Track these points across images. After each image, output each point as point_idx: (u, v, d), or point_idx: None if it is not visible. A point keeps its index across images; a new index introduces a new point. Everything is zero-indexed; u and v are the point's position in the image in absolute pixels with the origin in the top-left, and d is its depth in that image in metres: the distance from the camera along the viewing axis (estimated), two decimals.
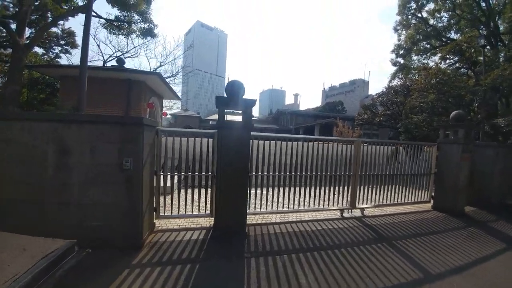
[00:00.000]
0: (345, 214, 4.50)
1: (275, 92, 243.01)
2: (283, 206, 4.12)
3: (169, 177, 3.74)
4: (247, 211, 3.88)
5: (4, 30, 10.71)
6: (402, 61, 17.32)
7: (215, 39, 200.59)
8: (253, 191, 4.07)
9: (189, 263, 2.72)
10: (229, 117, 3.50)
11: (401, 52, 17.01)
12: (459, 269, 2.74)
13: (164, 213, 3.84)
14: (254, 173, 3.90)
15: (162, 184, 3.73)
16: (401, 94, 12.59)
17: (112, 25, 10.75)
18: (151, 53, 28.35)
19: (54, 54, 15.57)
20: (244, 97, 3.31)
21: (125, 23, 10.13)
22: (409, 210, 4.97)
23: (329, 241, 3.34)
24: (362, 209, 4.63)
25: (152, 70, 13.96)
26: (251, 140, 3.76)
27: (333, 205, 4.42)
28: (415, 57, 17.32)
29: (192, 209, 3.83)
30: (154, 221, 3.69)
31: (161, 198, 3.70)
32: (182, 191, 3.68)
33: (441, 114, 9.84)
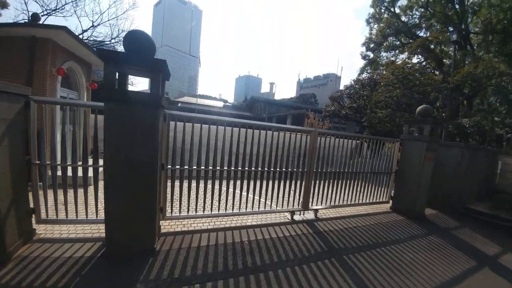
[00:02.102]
0: (296, 217, 3.82)
1: (252, 79, 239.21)
2: (218, 208, 3.24)
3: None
4: (166, 215, 2.95)
5: None
6: (371, 55, 17.35)
7: (189, 14, 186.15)
8: (177, 186, 3.11)
9: None
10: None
11: (372, 45, 16.95)
12: None
13: (47, 216, 2.73)
14: (178, 167, 2.92)
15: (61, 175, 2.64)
16: (368, 88, 12.46)
17: None
18: (81, 11, 24.47)
19: None
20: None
21: None
22: (367, 212, 4.50)
23: (266, 258, 2.57)
24: (316, 211, 4.00)
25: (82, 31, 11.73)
26: (172, 122, 2.76)
27: (282, 206, 3.69)
28: (384, 54, 17.49)
29: (87, 213, 2.76)
30: (35, 226, 2.64)
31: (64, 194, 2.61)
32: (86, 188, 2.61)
33: (405, 110, 9.85)
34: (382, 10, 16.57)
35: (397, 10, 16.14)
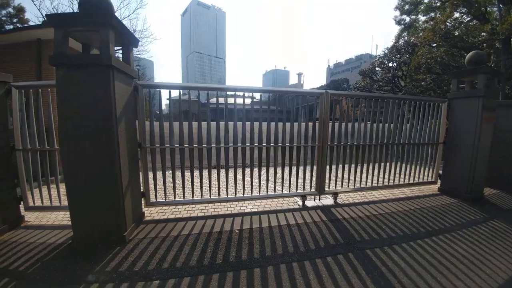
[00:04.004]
0: (309, 203, 3.13)
1: (279, 72, 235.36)
2: (210, 193, 2.78)
3: None
4: (151, 200, 2.61)
5: None
6: (407, 19, 14.64)
7: (213, 18, 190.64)
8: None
9: None
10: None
11: (406, 7, 14.25)
12: None
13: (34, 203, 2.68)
14: (158, 145, 2.53)
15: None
16: (406, 55, 10.44)
17: None
18: None
19: None
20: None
21: None
22: (406, 195, 3.55)
23: (256, 251, 2.00)
24: (335, 195, 3.24)
25: None
26: (142, 89, 2.38)
27: (289, 190, 3.05)
28: (422, 18, 14.64)
29: (60, 199, 2.59)
30: (23, 213, 2.61)
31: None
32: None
33: None
34: None
35: None
